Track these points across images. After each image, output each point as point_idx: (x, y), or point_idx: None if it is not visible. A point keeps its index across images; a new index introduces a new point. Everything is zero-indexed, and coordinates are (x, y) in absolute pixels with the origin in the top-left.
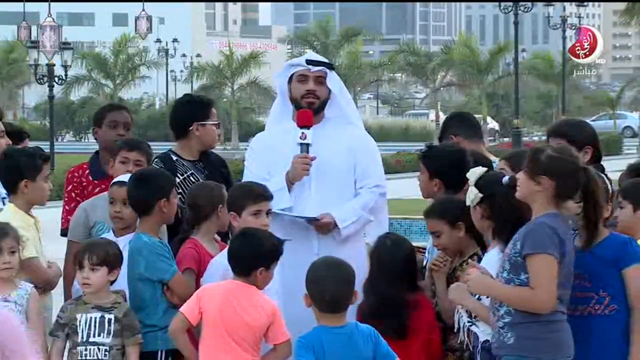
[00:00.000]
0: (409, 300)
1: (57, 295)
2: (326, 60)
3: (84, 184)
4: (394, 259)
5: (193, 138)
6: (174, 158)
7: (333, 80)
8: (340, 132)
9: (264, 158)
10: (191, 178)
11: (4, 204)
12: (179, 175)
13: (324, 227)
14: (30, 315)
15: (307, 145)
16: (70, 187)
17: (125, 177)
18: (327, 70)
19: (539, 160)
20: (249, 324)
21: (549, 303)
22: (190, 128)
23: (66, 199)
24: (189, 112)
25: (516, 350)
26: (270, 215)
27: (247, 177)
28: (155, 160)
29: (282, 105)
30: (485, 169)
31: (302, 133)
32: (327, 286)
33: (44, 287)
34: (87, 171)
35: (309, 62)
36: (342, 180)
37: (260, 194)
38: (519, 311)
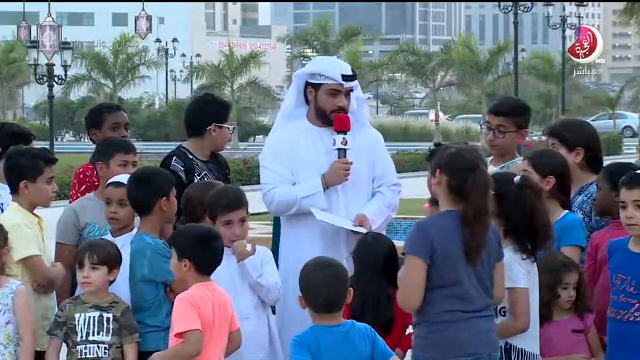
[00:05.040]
0: (392, 295)
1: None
2: (354, 72)
3: (97, 183)
4: (375, 256)
5: (208, 138)
6: (190, 157)
7: (358, 90)
8: (357, 134)
9: (285, 158)
10: (205, 179)
11: (2, 211)
12: (196, 175)
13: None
14: (17, 312)
15: (345, 150)
16: (84, 187)
17: (120, 178)
18: (357, 83)
19: (440, 156)
20: (228, 316)
21: (409, 303)
22: (209, 128)
23: (78, 198)
24: (210, 111)
25: (413, 348)
26: (246, 222)
27: (268, 178)
28: (174, 157)
29: (296, 104)
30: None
31: (343, 139)
32: (319, 289)
33: (47, 286)
34: (96, 172)
35: (344, 78)
36: (365, 182)
37: (227, 205)
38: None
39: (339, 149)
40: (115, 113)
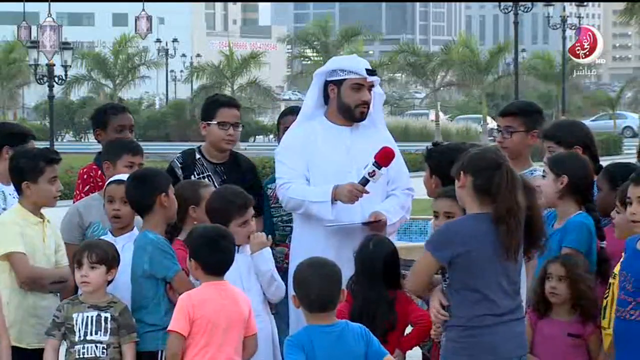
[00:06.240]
0: (391, 300)
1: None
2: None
3: (100, 183)
4: (376, 260)
5: (206, 137)
6: (197, 156)
7: (378, 87)
8: (370, 134)
9: (301, 153)
10: (206, 180)
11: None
12: (195, 174)
13: (381, 227)
14: None
15: (368, 180)
16: (88, 187)
17: (121, 176)
18: (378, 78)
19: (463, 159)
20: (240, 318)
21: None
22: (202, 127)
23: (82, 198)
24: (201, 112)
25: (443, 350)
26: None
27: (282, 172)
28: (178, 155)
29: (317, 102)
30: None
31: (374, 170)
32: (311, 286)
33: (29, 284)
34: (99, 171)
35: (368, 72)
36: (380, 183)
37: (242, 205)
38: (449, 314)
39: (364, 176)
40: (120, 115)
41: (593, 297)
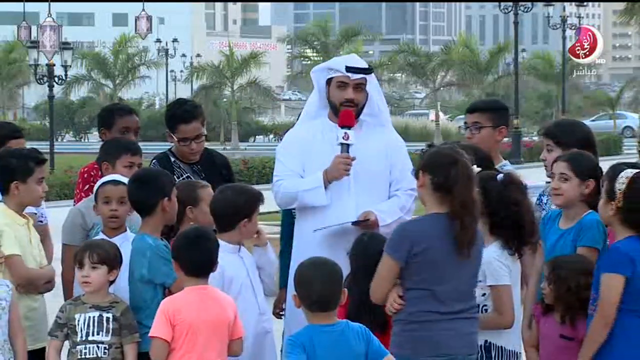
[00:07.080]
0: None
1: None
2: (365, 66)
3: None
4: (371, 255)
5: (176, 144)
6: (172, 159)
7: (372, 85)
8: (375, 134)
9: (298, 152)
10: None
11: None
12: (175, 177)
13: (370, 226)
14: (13, 310)
15: (348, 145)
16: (88, 186)
17: (115, 176)
18: (367, 77)
19: (421, 159)
20: (224, 322)
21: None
22: (169, 135)
23: (82, 197)
24: (165, 119)
25: (390, 346)
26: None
27: (278, 170)
28: (153, 161)
29: (318, 101)
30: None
31: (345, 133)
32: (313, 286)
33: (25, 286)
34: (100, 171)
35: (348, 69)
36: (379, 182)
37: (262, 199)
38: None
39: (341, 144)
40: (127, 117)
41: (579, 299)
